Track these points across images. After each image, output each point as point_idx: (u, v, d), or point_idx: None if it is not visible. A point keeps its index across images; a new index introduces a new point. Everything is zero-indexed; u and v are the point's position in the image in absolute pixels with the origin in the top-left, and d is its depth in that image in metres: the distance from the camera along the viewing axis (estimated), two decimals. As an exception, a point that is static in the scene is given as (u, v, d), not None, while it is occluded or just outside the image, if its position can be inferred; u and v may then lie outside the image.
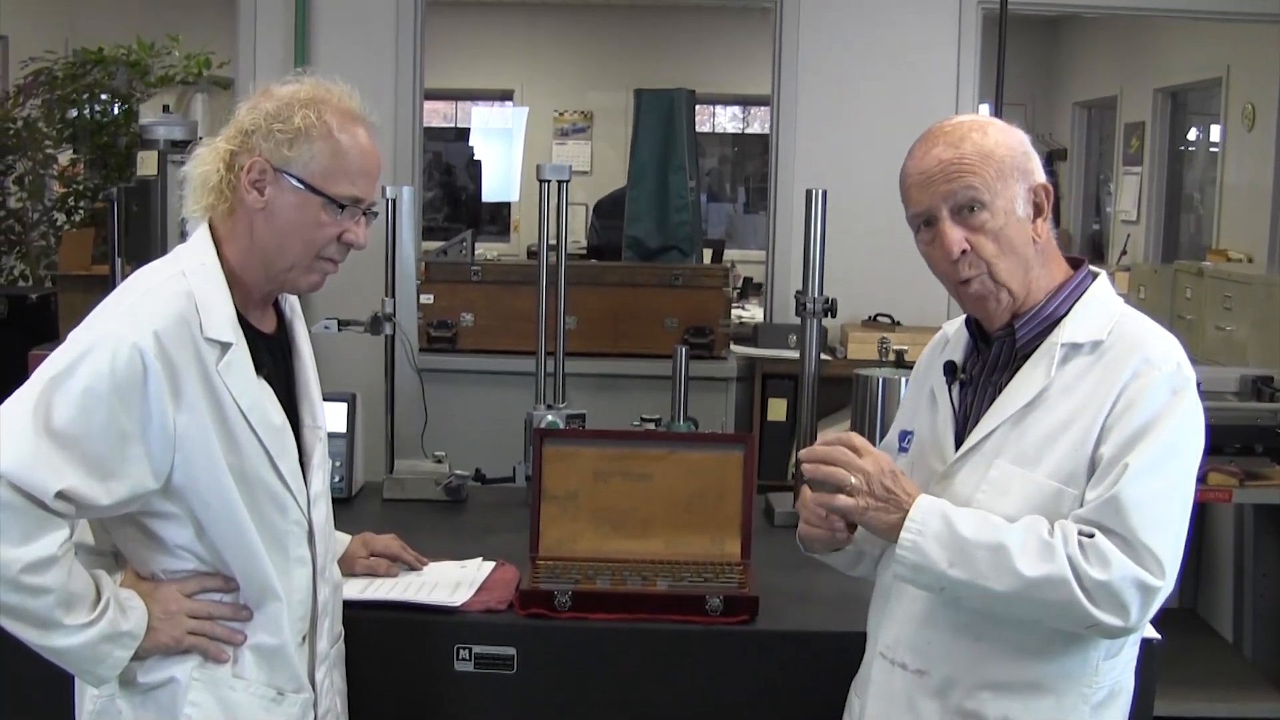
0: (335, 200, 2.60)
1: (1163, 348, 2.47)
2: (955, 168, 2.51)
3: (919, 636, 2.59)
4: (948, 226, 2.53)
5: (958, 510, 2.47)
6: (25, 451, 2.38)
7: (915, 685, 2.60)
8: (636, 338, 6.07)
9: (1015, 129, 2.58)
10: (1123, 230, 11.92)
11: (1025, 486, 2.47)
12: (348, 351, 5.60)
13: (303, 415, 2.79)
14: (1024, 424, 2.50)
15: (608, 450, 3.52)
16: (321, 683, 2.79)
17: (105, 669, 2.54)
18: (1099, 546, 2.35)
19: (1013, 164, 2.51)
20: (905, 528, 2.46)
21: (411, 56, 6.64)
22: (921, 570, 2.47)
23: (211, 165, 2.61)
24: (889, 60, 6.67)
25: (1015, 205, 2.51)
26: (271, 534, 2.63)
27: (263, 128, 2.57)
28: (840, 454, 2.53)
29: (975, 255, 2.52)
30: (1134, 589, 2.34)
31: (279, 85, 2.66)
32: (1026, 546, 2.38)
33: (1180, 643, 6.00)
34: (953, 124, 2.58)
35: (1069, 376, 2.49)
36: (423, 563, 3.44)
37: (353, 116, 2.65)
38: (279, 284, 2.69)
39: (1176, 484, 2.41)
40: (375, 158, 2.67)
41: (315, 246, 2.62)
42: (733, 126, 15.72)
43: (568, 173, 4.45)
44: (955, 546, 2.42)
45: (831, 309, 4.12)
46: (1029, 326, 2.56)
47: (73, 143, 10.14)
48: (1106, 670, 2.53)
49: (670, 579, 3.27)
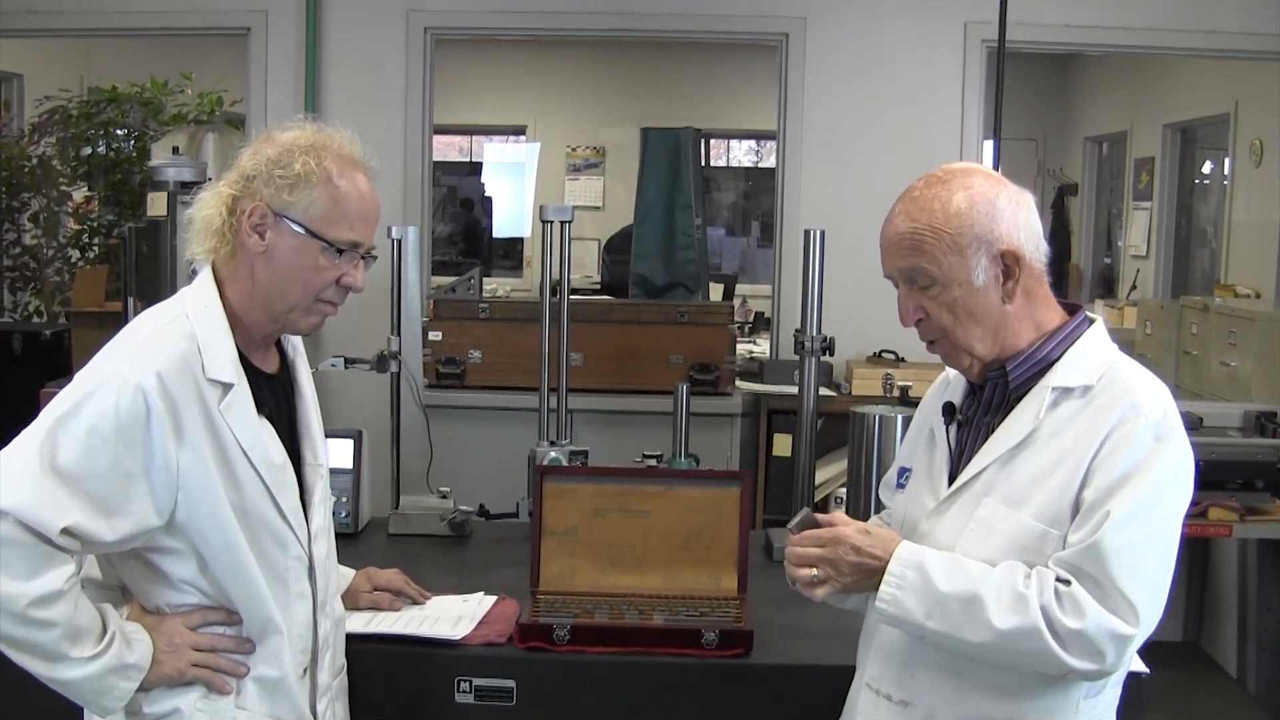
0: (334, 245, 2.65)
1: (1151, 395, 2.49)
2: (908, 242, 2.55)
3: (903, 670, 2.63)
4: (902, 295, 2.60)
5: (935, 559, 2.51)
6: (31, 489, 2.43)
7: (899, 716, 2.64)
8: (642, 374, 6.10)
9: (989, 187, 2.55)
10: (1132, 265, 11.93)
11: (1011, 527, 2.50)
12: (355, 389, 5.66)
13: (304, 453, 2.84)
14: (1012, 464, 2.53)
15: (607, 487, 3.56)
16: (323, 714, 2.84)
17: (111, 700, 2.59)
18: (1074, 595, 2.38)
19: (972, 235, 2.51)
20: (885, 581, 2.51)
21: (421, 96, 6.71)
22: (900, 622, 2.53)
23: (214, 209, 2.66)
24: (894, 97, 6.73)
25: (973, 276, 2.52)
26: (272, 569, 2.68)
27: (264, 173, 2.63)
28: (794, 555, 2.61)
29: (931, 322, 2.58)
30: (1108, 638, 2.37)
31: (281, 131, 2.71)
32: (1000, 598, 2.41)
33: (1183, 677, 6.03)
34: (920, 189, 2.58)
35: (1058, 420, 2.52)
36: (425, 597, 3.48)
37: (352, 163, 2.70)
38: (279, 325, 2.74)
39: (1158, 531, 2.43)
40: (374, 203, 2.72)
41: (314, 290, 2.67)
42: (748, 160, 15.73)
43: (570, 213, 4.50)
44: (931, 599, 2.47)
45: (830, 347, 4.16)
46: (1022, 369, 2.59)
47: (87, 180, 10.22)
48: (1087, 709, 2.56)
49: (667, 613, 3.30)
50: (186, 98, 10.44)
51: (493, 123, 14.78)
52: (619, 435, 5.72)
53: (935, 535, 2.61)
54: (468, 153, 15.48)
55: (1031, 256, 2.56)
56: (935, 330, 2.60)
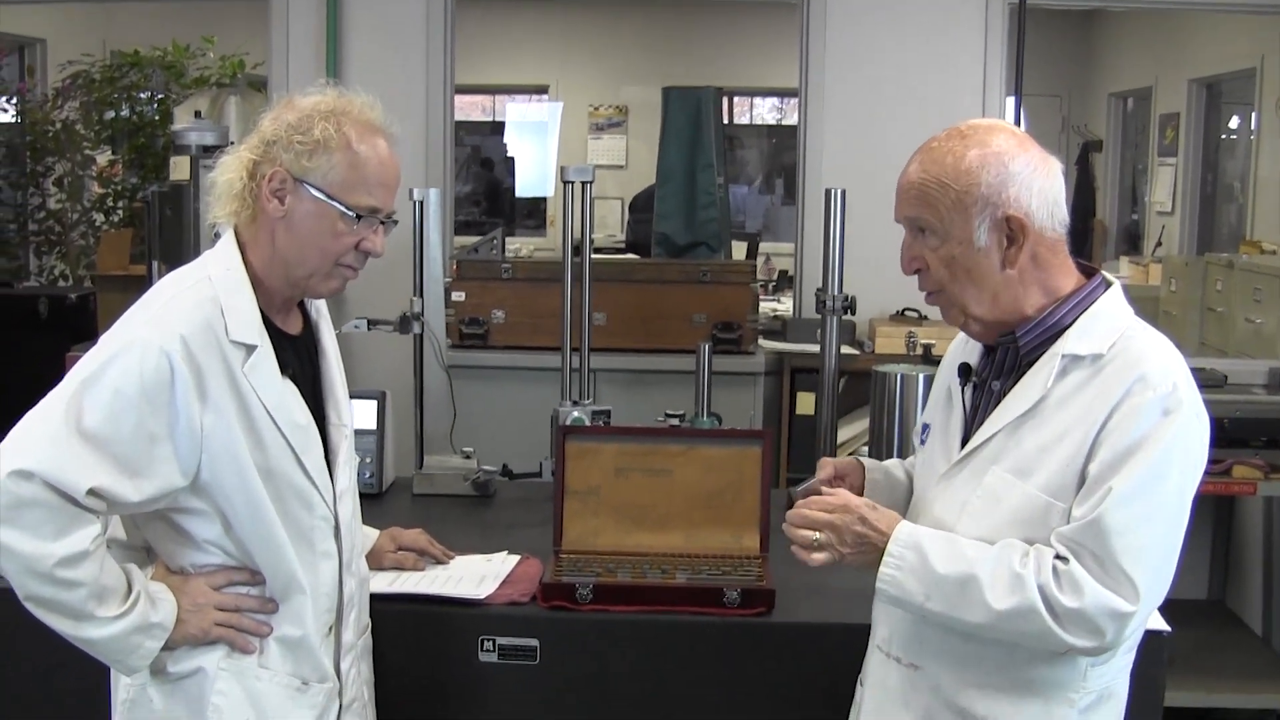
0: (353, 211, 2.66)
1: (1161, 366, 2.44)
2: (916, 192, 2.54)
3: (912, 634, 2.65)
4: (906, 242, 2.60)
5: (933, 540, 2.51)
6: (58, 451, 2.46)
7: (908, 679, 2.65)
8: (665, 334, 6.09)
9: (1007, 148, 2.52)
10: (1158, 222, 11.89)
11: (1017, 498, 2.49)
12: (379, 350, 5.69)
13: (328, 413, 2.86)
14: (1020, 433, 2.52)
15: (628, 446, 3.58)
16: (347, 673, 2.86)
17: (136, 659, 2.63)
18: (1073, 574, 2.38)
19: (978, 195, 2.49)
20: (884, 563, 2.52)
21: (442, 57, 6.68)
22: (901, 603, 2.55)
23: (235, 173, 2.67)
24: (916, 54, 6.69)
25: (974, 236, 2.50)
26: (297, 529, 2.70)
27: (284, 139, 2.64)
28: (798, 517, 2.63)
29: (929, 275, 2.58)
30: (1107, 616, 2.37)
31: (301, 96, 2.72)
32: (996, 579, 2.42)
33: (1209, 635, 6.02)
34: (939, 141, 2.57)
35: (1067, 388, 2.49)
36: (449, 556, 3.51)
37: (372, 128, 2.70)
38: (299, 289, 2.76)
39: (1162, 507, 2.41)
40: (394, 169, 2.73)
41: (333, 255, 2.69)
42: (771, 117, 15.70)
43: (591, 174, 4.50)
44: (930, 580, 2.48)
45: (851, 306, 4.17)
46: (1032, 335, 2.56)
47: (110, 144, 10.24)
48: (1096, 676, 2.56)
49: (689, 572, 3.32)
50: (208, 61, 10.44)
51: (515, 82, 14.77)
52: (641, 395, 5.72)
53: (943, 501, 2.62)
54: (490, 112, 15.48)
55: (1042, 224, 2.51)
56: (933, 283, 2.59)
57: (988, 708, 2.57)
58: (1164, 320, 8.24)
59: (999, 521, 2.50)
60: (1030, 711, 2.56)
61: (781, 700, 3.19)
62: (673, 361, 5.82)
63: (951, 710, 2.60)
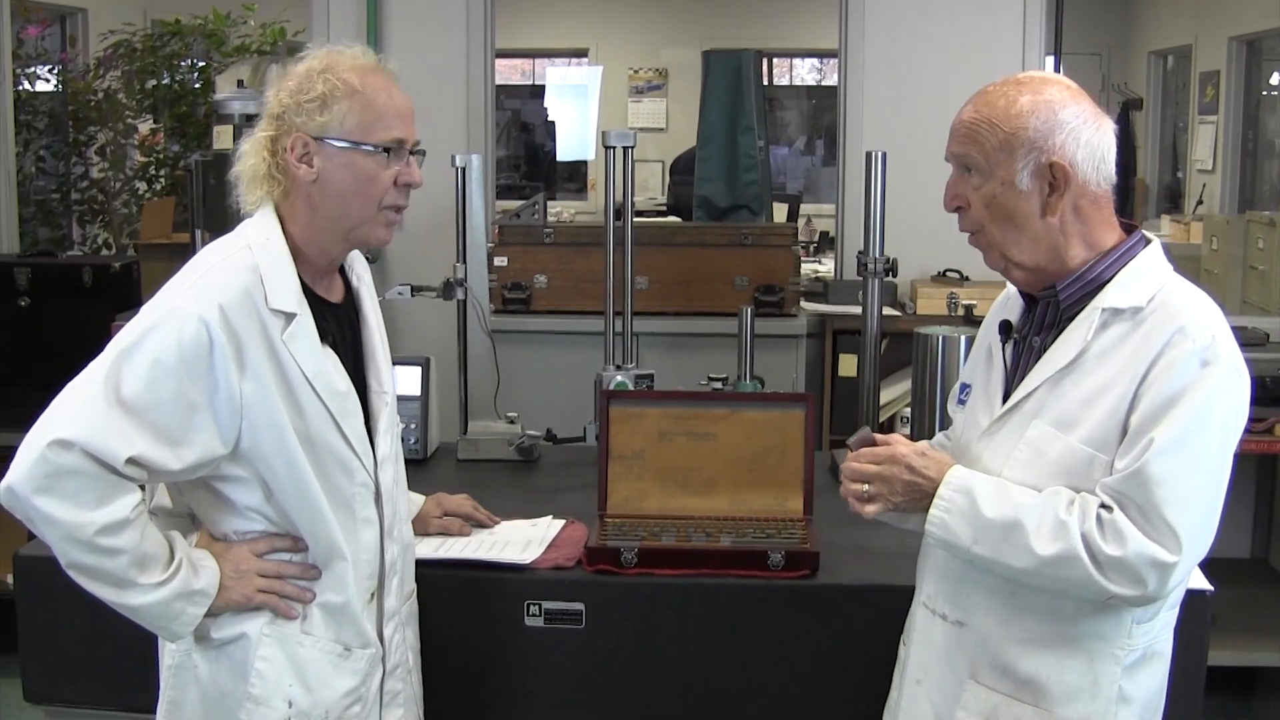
0: (379, 148, 2.68)
1: (1200, 319, 2.46)
2: (966, 130, 2.57)
3: (957, 589, 2.66)
4: (951, 179, 2.63)
5: (983, 484, 2.54)
6: (97, 420, 2.49)
7: (953, 636, 2.67)
8: (707, 297, 6.09)
9: (1059, 98, 2.54)
10: (1199, 180, 11.83)
11: (1060, 450, 2.51)
12: (422, 316, 5.70)
13: (369, 380, 2.88)
14: (1062, 386, 2.54)
15: (672, 410, 3.58)
16: (391, 638, 2.89)
17: (179, 625, 2.66)
18: (1116, 523, 2.40)
19: (1025, 138, 2.51)
20: (934, 504, 2.56)
21: (483, 20, 6.67)
22: (948, 545, 2.58)
23: (257, 157, 2.70)
24: (956, 13, 6.65)
25: (1017, 178, 2.52)
26: (338, 496, 2.73)
27: (290, 105, 2.67)
28: (850, 470, 2.67)
29: (969, 214, 2.60)
30: (1149, 565, 2.39)
31: (294, 64, 2.75)
32: (1042, 525, 2.44)
33: (1252, 594, 6.01)
34: (997, 85, 2.59)
35: (1107, 342, 2.51)
36: (494, 521, 3.53)
37: (369, 69, 2.73)
38: (351, 243, 2.79)
39: (1203, 457, 2.42)
40: (404, 99, 2.75)
41: (375, 198, 2.71)
42: (811, 78, 15.65)
43: (633, 139, 4.49)
44: (978, 524, 2.50)
45: (892, 269, 4.18)
46: (1073, 289, 2.58)
47: (152, 113, 10.27)
48: (1140, 634, 2.57)
49: (733, 535, 3.34)
50: (249, 29, 10.46)
51: (555, 45, 14.75)
52: (684, 358, 5.72)
53: (987, 456, 2.64)
54: (530, 76, 15.48)
55: (1086, 176, 2.53)
56: (972, 222, 2.61)
57: (1033, 664, 2.58)
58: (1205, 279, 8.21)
59: (1043, 475, 2.52)
60: (1075, 668, 2.57)
61: (826, 661, 3.21)
62: (714, 324, 5.83)
63: (995, 668, 2.62)
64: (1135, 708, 2.61)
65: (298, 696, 2.73)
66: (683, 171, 10.86)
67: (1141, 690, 2.61)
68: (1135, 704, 2.60)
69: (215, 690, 2.74)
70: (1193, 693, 3.08)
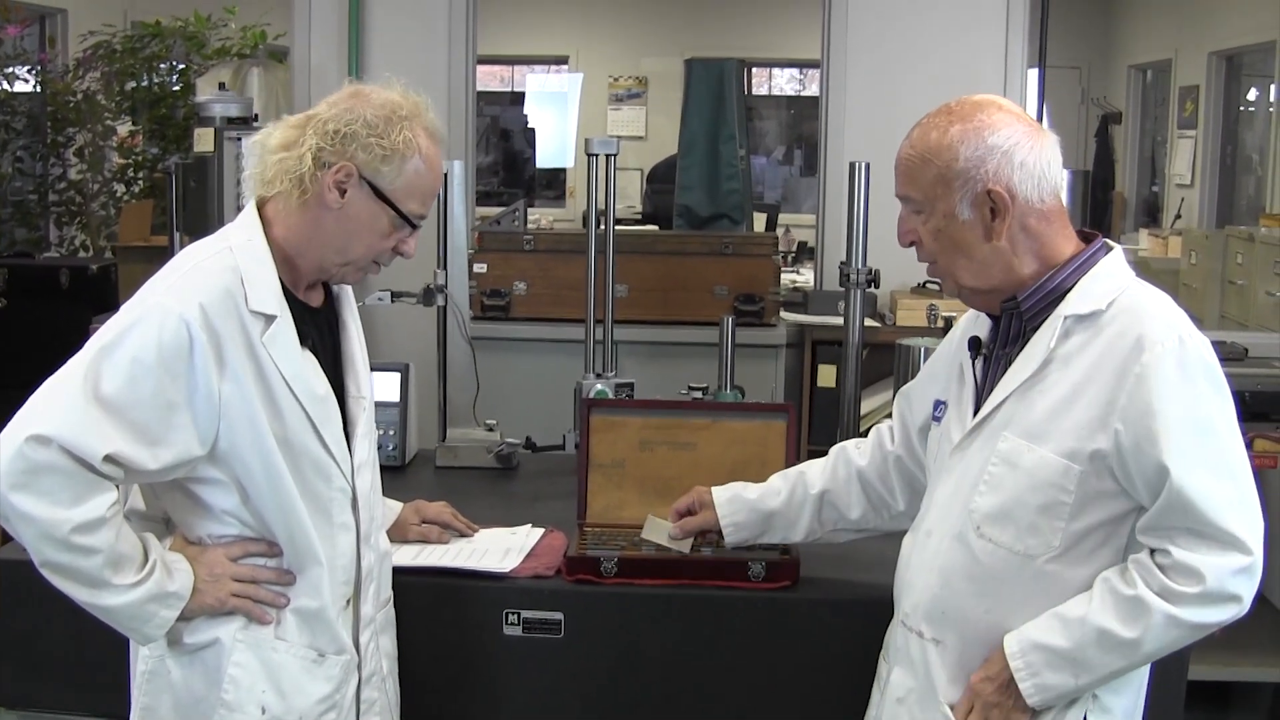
0: (406, 217, 2.71)
1: (1163, 321, 2.46)
2: (904, 168, 2.61)
3: (934, 607, 2.65)
4: (901, 216, 2.66)
5: (1038, 628, 2.51)
6: (75, 417, 2.48)
7: (932, 654, 2.66)
8: (687, 306, 6.09)
9: (990, 122, 2.54)
10: (1177, 194, 11.87)
11: (1033, 462, 2.50)
12: (402, 322, 5.68)
13: (348, 386, 2.87)
14: (1029, 396, 2.54)
15: (653, 420, 3.57)
16: (366, 646, 2.87)
17: (152, 628, 2.64)
18: (1180, 562, 2.39)
19: (957, 170, 2.52)
20: (1018, 679, 2.51)
21: (465, 27, 6.67)
22: (1061, 698, 2.53)
23: (296, 157, 2.66)
24: (938, 25, 6.65)
25: (956, 209, 2.54)
26: (315, 500, 2.72)
27: (361, 137, 2.65)
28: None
29: (922, 248, 2.62)
30: (1232, 577, 2.39)
31: (368, 88, 2.75)
32: (1118, 616, 2.43)
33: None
34: (930, 117, 2.61)
35: (1071, 348, 2.51)
36: (473, 529, 3.51)
37: (438, 138, 2.76)
38: (328, 275, 2.80)
39: (1220, 453, 2.43)
40: (442, 179, 2.83)
41: (375, 252, 2.75)
42: (791, 89, 15.67)
43: (615, 146, 4.49)
44: (1065, 663, 2.48)
45: (875, 280, 4.18)
46: (1034, 299, 2.58)
47: (131, 114, 10.25)
48: None
49: (713, 546, 3.31)
50: (230, 32, 10.43)
51: (535, 53, 14.75)
52: (664, 367, 5.71)
53: (960, 471, 2.64)
54: (508, 83, 15.47)
55: (1029, 196, 2.53)
56: (927, 255, 2.64)
57: None
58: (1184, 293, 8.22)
59: (1018, 488, 2.52)
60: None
61: (806, 673, 3.19)
62: (694, 334, 5.83)
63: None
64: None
65: (271, 703, 2.71)
66: (660, 180, 10.89)
67: (1121, 704, 2.61)
68: (1115, 718, 2.60)
69: (189, 696, 2.72)
70: (1173, 707, 3.09)
